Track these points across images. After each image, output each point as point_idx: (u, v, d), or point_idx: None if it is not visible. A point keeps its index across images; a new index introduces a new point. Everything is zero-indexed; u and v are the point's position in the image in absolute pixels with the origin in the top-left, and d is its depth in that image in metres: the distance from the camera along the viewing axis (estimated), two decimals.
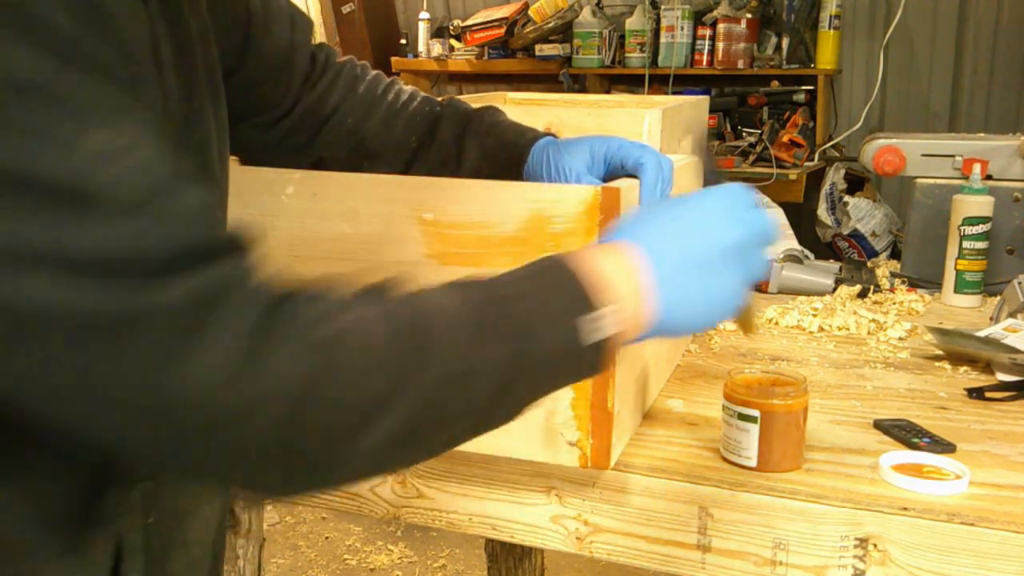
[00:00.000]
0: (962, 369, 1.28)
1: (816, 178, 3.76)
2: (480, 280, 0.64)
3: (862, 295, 1.64)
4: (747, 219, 0.71)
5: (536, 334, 0.61)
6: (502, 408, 0.63)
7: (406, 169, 1.05)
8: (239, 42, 0.89)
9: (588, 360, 0.64)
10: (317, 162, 1.02)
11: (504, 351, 0.60)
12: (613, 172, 0.98)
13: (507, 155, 1.03)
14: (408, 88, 1.08)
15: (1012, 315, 1.41)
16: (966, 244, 1.59)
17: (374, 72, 1.06)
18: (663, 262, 0.67)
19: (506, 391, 0.62)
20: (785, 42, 3.82)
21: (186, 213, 0.53)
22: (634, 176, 0.95)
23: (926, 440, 1.01)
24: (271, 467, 0.55)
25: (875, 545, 0.88)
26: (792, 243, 1.85)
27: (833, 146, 3.81)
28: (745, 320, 0.86)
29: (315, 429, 0.54)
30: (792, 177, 3.55)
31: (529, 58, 4.31)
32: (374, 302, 0.58)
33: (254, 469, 0.56)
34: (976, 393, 1.18)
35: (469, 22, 4.44)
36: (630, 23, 4.06)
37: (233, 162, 1.05)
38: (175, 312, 0.51)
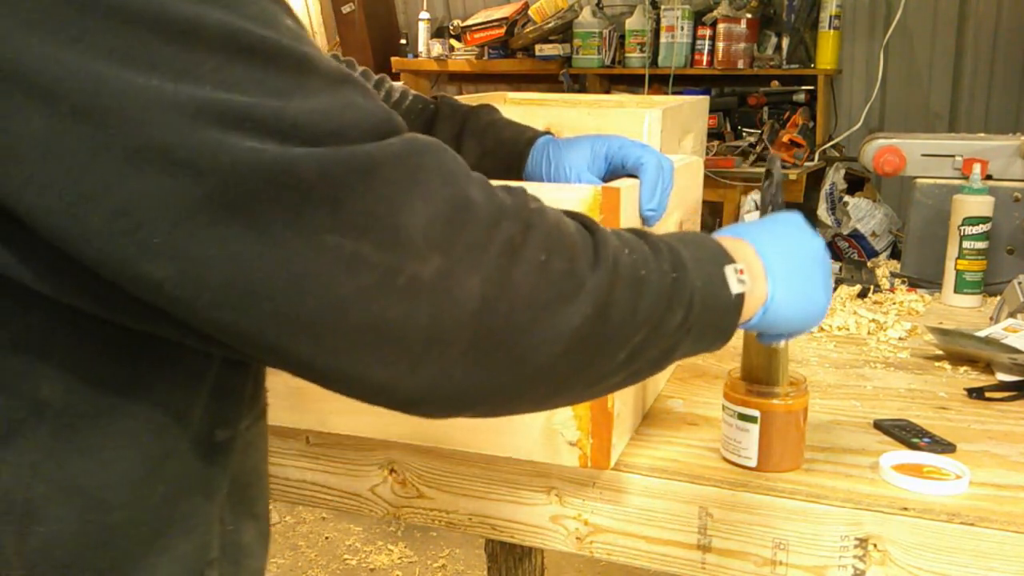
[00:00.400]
0: (962, 369, 1.28)
1: (816, 178, 3.76)
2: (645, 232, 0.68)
3: (862, 295, 1.64)
4: (820, 237, 0.77)
5: (700, 276, 0.65)
6: (671, 321, 0.64)
7: None
8: None
9: (731, 314, 0.68)
10: None
11: (687, 289, 0.64)
12: (614, 172, 0.98)
13: (506, 154, 1.03)
14: (399, 85, 1.07)
15: (1012, 315, 1.41)
16: (966, 244, 1.59)
17: (362, 68, 1.06)
18: (769, 253, 0.73)
19: (674, 310, 0.63)
20: (785, 42, 3.82)
21: (375, 96, 0.55)
22: (634, 176, 0.95)
23: (926, 440, 1.01)
24: (458, 345, 0.53)
25: (875, 545, 0.88)
26: None
27: (833, 146, 3.81)
28: (775, 360, 0.93)
29: (521, 290, 0.55)
30: (792, 177, 3.55)
31: (529, 58, 4.32)
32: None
33: (441, 352, 0.53)
34: (976, 393, 1.18)
35: (469, 22, 4.45)
36: (630, 23, 4.06)
37: None
38: (400, 155, 0.52)
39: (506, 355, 0.54)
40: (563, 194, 0.88)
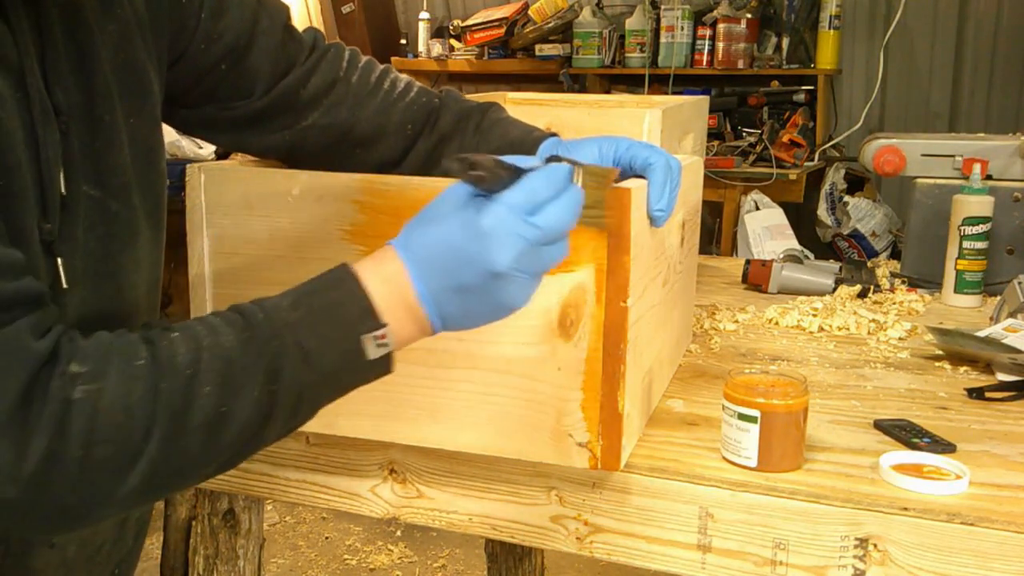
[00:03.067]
0: (962, 369, 1.28)
1: (816, 178, 3.76)
2: (261, 305, 0.68)
3: (862, 295, 1.64)
4: (527, 231, 0.67)
5: (314, 360, 0.66)
6: (268, 432, 0.67)
7: (402, 157, 1.04)
8: (188, 29, 0.89)
9: (372, 372, 0.70)
10: (301, 145, 1.00)
11: (273, 385, 0.65)
12: (622, 173, 0.98)
13: (512, 153, 1.02)
14: (404, 77, 1.07)
15: (1012, 315, 1.41)
16: (966, 244, 1.59)
17: (366, 58, 1.05)
18: (429, 285, 0.69)
19: (269, 421, 0.66)
20: (785, 42, 3.82)
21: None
22: (642, 176, 0.95)
23: (926, 440, 1.01)
24: (30, 522, 0.61)
25: (875, 545, 0.88)
26: (792, 243, 1.86)
27: (833, 146, 3.81)
28: (592, 220, 0.79)
29: (63, 492, 0.59)
30: (792, 177, 3.56)
31: (529, 58, 4.32)
32: (134, 356, 0.62)
33: (16, 523, 0.62)
34: (976, 393, 1.18)
35: (469, 22, 4.45)
36: (630, 23, 4.06)
37: (241, 163, 1.05)
38: None
39: (63, 523, 0.62)
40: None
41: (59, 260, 0.72)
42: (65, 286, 0.72)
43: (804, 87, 3.89)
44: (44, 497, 0.58)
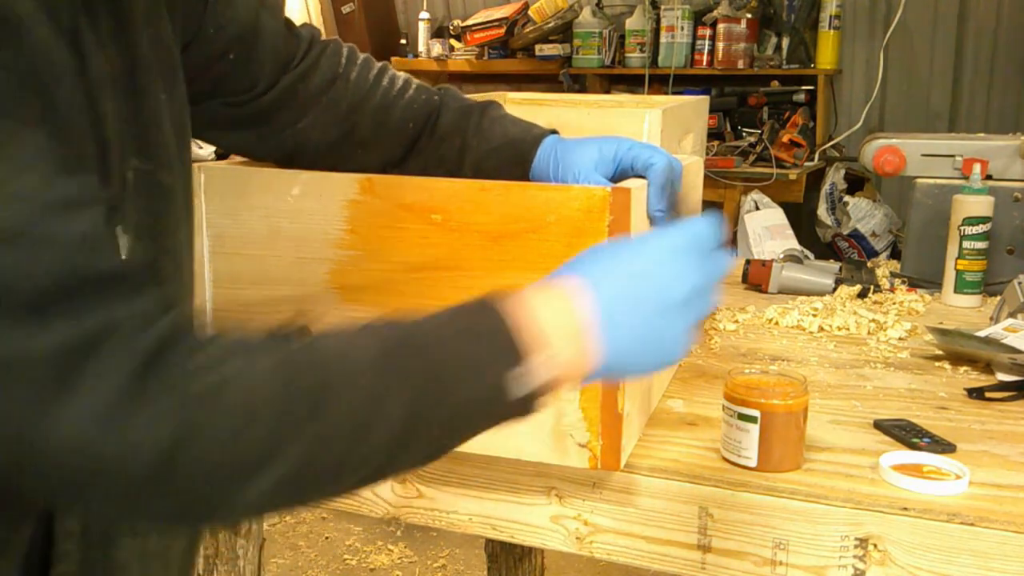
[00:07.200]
0: (962, 369, 1.28)
1: (816, 178, 3.76)
2: (400, 323, 0.61)
3: (862, 295, 1.64)
4: (706, 266, 0.68)
5: (454, 387, 0.59)
6: (407, 456, 0.61)
7: (404, 156, 1.04)
8: (198, 12, 0.86)
9: (515, 410, 0.62)
10: (303, 147, 1.00)
11: (414, 405, 0.58)
12: (622, 173, 0.98)
13: (513, 151, 1.02)
14: (402, 74, 1.06)
15: (1012, 315, 1.41)
16: (966, 244, 1.59)
17: (364, 55, 1.05)
18: (612, 308, 0.64)
19: (410, 443, 0.60)
20: (785, 42, 3.82)
21: (67, 243, 0.51)
22: (643, 177, 0.95)
23: (926, 440, 1.01)
24: (149, 511, 0.55)
25: (875, 545, 0.88)
26: (792, 243, 1.86)
27: (833, 146, 3.81)
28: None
29: (188, 482, 0.53)
30: (792, 177, 3.56)
31: (529, 58, 4.31)
32: (271, 350, 0.56)
33: (132, 512, 0.56)
34: (976, 393, 1.18)
35: (469, 22, 4.44)
36: (630, 23, 4.06)
37: (241, 163, 1.05)
38: (46, 360, 0.49)
39: (206, 517, 0.60)
40: (573, 195, 0.88)
41: (117, 230, 0.67)
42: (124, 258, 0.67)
43: (804, 87, 3.88)
44: (170, 487, 0.53)
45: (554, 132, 1.04)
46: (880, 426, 1.06)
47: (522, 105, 1.44)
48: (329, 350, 0.58)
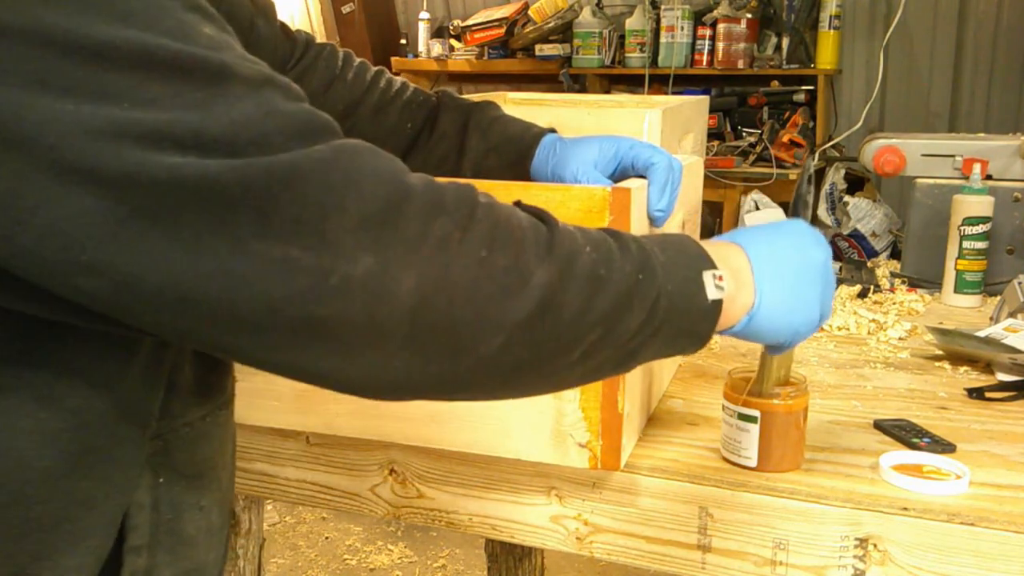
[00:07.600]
0: (962, 369, 1.28)
1: (816, 178, 3.76)
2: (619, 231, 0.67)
3: (862, 295, 1.64)
4: (826, 247, 0.77)
5: (663, 273, 0.64)
6: (617, 333, 0.63)
7: (403, 156, 1.04)
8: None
9: (706, 320, 0.67)
10: None
11: (653, 291, 0.63)
12: (623, 172, 0.98)
13: (513, 150, 1.02)
14: (398, 79, 1.07)
15: (1012, 315, 1.41)
16: (966, 244, 1.59)
17: (359, 60, 1.05)
18: (761, 260, 0.72)
19: (623, 316, 0.62)
20: (785, 42, 3.82)
21: (300, 93, 0.55)
22: (643, 176, 0.95)
23: (926, 440, 1.01)
24: (414, 337, 0.55)
25: (875, 545, 0.88)
26: None
27: (833, 146, 3.81)
28: (780, 368, 0.93)
29: (458, 293, 0.55)
30: (792, 177, 3.56)
31: (529, 58, 4.31)
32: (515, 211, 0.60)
33: (400, 333, 0.55)
34: (976, 393, 1.18)
35: (469, 22, 4.44)
36: (630, 23, 4.06)
37: None
38: (327, 160, 0.52)
39: (445, 347, 0.55)
40: (573, 194, 0.88)
41: None
42: None
43: (804, 87, 3.88)
44: (439, 297, 0.53)
45: (552, 131, 1.04)
46: (880, 426, 1.06)
47: (522, 105, 1.44)
48: (596, 235, 0.63)
